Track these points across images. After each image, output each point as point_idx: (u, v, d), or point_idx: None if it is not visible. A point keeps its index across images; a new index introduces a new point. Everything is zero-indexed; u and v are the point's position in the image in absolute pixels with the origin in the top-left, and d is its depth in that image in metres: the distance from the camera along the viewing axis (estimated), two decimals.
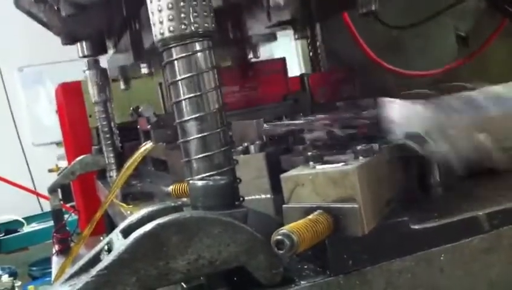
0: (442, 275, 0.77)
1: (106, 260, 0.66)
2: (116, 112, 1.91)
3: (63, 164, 3.52)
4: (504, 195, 0.88)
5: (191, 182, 0.76)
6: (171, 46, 0.76)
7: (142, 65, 1.80)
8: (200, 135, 0.77)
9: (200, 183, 0.74)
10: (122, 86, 2.22)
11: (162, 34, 0.75)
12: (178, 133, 0.80)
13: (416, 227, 0.77)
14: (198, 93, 0.76)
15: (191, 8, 0.74)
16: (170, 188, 1.03)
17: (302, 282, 0.72)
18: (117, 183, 1.37)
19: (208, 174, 0.77)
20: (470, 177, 0.99)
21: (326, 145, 0.96)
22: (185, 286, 0.73)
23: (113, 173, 1.84)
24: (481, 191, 0.94)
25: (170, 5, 0.74)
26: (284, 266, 0.73)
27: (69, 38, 1.69)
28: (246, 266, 0.70)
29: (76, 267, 0.73)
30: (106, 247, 0.74)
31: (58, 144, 4.89)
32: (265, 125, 1.15)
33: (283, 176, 0.77)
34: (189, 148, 0.78)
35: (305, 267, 0.76)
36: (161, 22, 0.75)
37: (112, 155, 1.84)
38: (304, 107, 1.71)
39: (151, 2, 0.76)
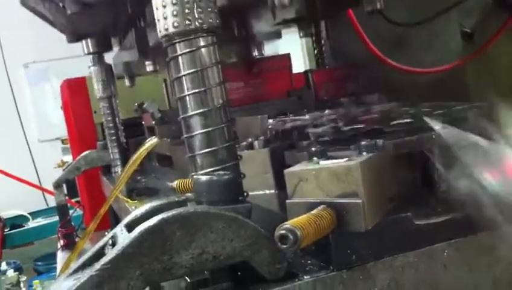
0: (446, 271, 0.78)
1: (110, 254, 0.67)
2: (121, 108, 1.92)
3: (68, 159, 3.54)
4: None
5: (195, 177, 0.76)
6: (175, 41, 0.77)
7: (147, 62, 1.80)
8: (204, 130, 0.77)
9: (204, 178, 0.75)
10: (127, 83, 2.22)
11: (167, 29, 0.76)
12: (182, 129, 0.80)
13: (420, 223, 0.77)
14: (203, 89, 0.77)
15: (195, 4, 0.74)
16: (174, 184, 1.03)
17: (305, 277, 0.73)
18: (122, 178, 1.37)
19: (212, 169, 0.77)
20: None
21: (330, 141, 0.96)
22: (188, 280, 0.73)
23: (118, 169, 1.84)
24: None
25: (174, 1, 0.74)
26: (288, 261, 0.73)
27: (74, 36, 1.69)
28: (249, 261, 0.71)
29: (80, 261, 0.74)
30: (110, 241, 0.74)
31: (63, 140, 4.91)
32: (269, 121, 1.15)
33: (287, 171, 0.77)
34: (193, 144, 0.78)
35: (309, 262, 0.76)
36: (165, 18, 0.75)
37: (116, 151, 1.85)
38: (307, 104, 1.71)
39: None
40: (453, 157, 0.80)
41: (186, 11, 0.74)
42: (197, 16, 0.74)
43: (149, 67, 1.80)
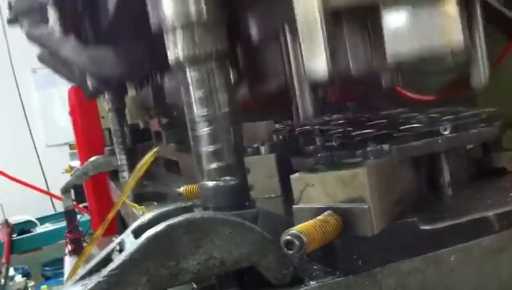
0: (453, 276, 0.77)
1: (117, 260, 0.67)
2: (128, 113, 1.93)
3: (76, 164, 3.55)
4: None
5: (201, 182, 0.76)
6: (185, 67, 0.77)
7: None
8: (211, 136, 0.77)
9: (210, 183, 0.75)
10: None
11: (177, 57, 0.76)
12: (189, 135, 0.80)
13: (426, 227, 0.77)
14: (212, 110, 0.77)
15: (204, 31, 0.75)
16: (181, 189, 1.04)
17: (311, 282, 0.73)
18: (129, 184, 1.38)
19: (218, 175, 0.77)
20: (479, 177, 0.99)
21: (337, 146, 0.96)
22: (195, 286, 0.73)
23: (125, 174, 1.86)
24: (491, 192, 0.93)
25: (184, 28, 0.75)
26: (294, 266, 0.73)
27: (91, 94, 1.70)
28: (256, 266, 0.71)
29: (88, 267, 0.74)
30: (118, 247, 0.75)
31: (71, 145, 4.93)
32: (276, 125, 1.16)
33: (293, 176, 0.77)
34: (200, 149, 0.78)
35: (315, 267, 0.76)
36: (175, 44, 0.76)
37: (124, 156, 1.86)
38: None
39: (166, 33, 0.77)
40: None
41: (196, 39, 0.75)
42: (206, 43, 0.75)
43: None
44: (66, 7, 1.29)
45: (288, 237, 0.66)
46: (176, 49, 0.76)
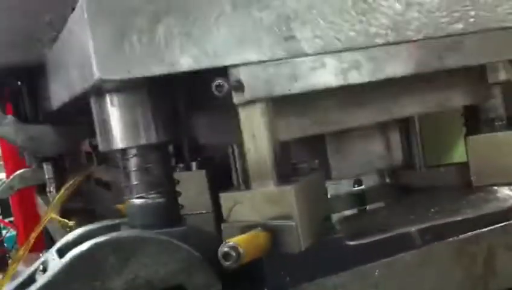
0: None
1: (41, 280, 0.65)
2: None
3: (1, 176, 3.41)
4: (437, 211, 0.92)
5: (128, 200, 0.75)
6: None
7: None
8: (139, 153, 0.76)
9: (137, 201, 0.74)
10: None
11: None
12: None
13: (351, 243, 0.79)
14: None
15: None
16: (119, 206, 1.02)
17: None
18: (57, 199, 1.34)
19: (146, 192, 0.76)
20: (405, 193, 1.03)
21: None
22: None
23: (53, 188, 1.79)
24: (415, 207, 0.97)
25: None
26: (222, 284, 0.73)
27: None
28: (184, 285, 0.70)
29: (11, 287, 0.72)
30: (41, 267, 0.73)
31: None
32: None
33: (222, 194, 0.77)
34: (128, 167, 0.77)
35: (243, 284, 0.77)
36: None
37: (52, 170, 1.80)
38: None
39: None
40: None
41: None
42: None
43: None
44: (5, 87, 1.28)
45: (226, 249, 0.66)
46: None
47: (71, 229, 1.32)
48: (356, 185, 1.00)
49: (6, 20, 1.06)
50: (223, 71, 0.72)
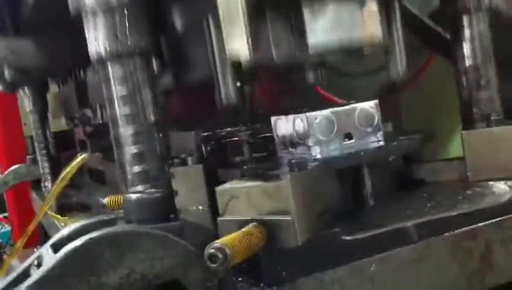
0: (373, 285, 0.79)
1: (35, 275, 0.65)
2: (50, 114, 1.86)
3: None
4: (433, 206, 0.92)
5: (125, 195, 0.75)
6: (107, 64, 0.75)
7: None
8: (135, 147, 0.76)
9: (134, 196, 0.74)
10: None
11: (99, 52, 0.74)
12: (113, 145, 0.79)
13: (348, 238, 0.79)
14: (135, 110, 0.76)
15: (127, 27, 0.74)
16: (105, 200, 1.01)
17: None
18: (51, 194, 1.33)
19: (142, 187, 0.76)
20: (400, 188, 1.03)
21: (264, 156, 0.97)
22: None
23: (48, 184, 1.79)
24: (410, 202, 0.97)
25: (106, 24, 0.73)
26: (219, 278, 0.73)
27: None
28: (180, 280, 0.70)
29: (5, 282, 0.71)
30: (36, 262, 0.72)
31: None
32: (204, 135, 1.14)
33: (218, 189, 0.77)
34: (124, 161, 0.77)
35: (240, 279, 0.76)
36: (97, 40, 0.74)
37: (46, 165, 1.79)
38: (244, 118, 1.72)
39: (87, 20, 0.75)
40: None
41: (118, 34, 0.73)
42: (129, 39, 0.73)
43: None
44: None
45: (212, 251, 0.65)
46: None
47: (66, 224, 1.32)
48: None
49: None
50: None
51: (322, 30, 0.76)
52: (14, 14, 1.28)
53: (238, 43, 0.73)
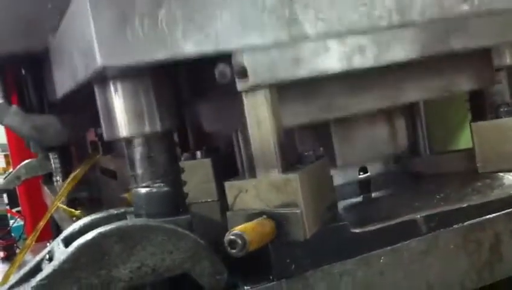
0: (382, 278, 0.79)
1: (47, 269, 0.65)
2: None
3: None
4: (442, 198, 0.92)
5: (134, 189, 0.75)
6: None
7: None
8: (144, 143, 0.76)
9: (143, 190, 0.74)
10: None
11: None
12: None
13: (356, 231, 0.79)
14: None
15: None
16: (126, 195, 1.02)
17: (245, 287, 0.73)
18: (63, 189, 1.34)
19: (152, 181, 0.76)
20: (411, 180, 1.03)
21: None
22: None
23: (60, 178, 1.80)
24: (420, 194, 0.97)
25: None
26: (228, 271, 0.73)
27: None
28: (190, 273, 0.71)
29: (17, 276, 0.72)
30: (47, 256, 0.73)
31: (3, 147, 4.74)
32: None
33: (227, 182, 0.77)
34: (133, 156, 0.77)
35: (249, 272, 0.77)
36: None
37: (58, 160, 1.80)
38: None
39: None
40: None
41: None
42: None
43: None
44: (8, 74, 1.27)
45: (232, 237, 0.66)
46: None
47: (77, 218, 1.33)
48: (361, 173, 1.00)
49: (8, 6, 1.05)
50: (226, 57, 0.72)
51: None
52: (37, 92, 1.32)
53: None
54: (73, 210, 1.42)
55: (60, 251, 0.69)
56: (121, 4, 0.66)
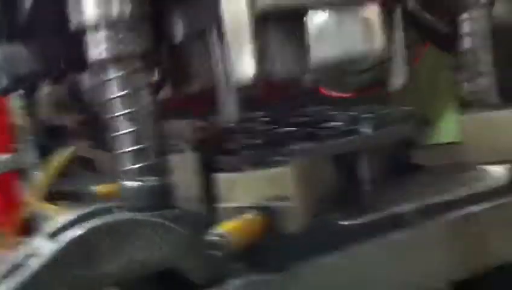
0: (371, 270, 0.80)
1: (33, 265, 0.63)
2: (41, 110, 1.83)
3: None
4: (430, 190, 0.92)
5: (122, 183, 0.74)
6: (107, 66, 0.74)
7: None
8: (132, 134, 0.75)
9: (131, 184, 0.73)
10: None
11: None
12: (107, 131, 0.78)
13: (345, 223, 0.79)
14: (134, 109, 0.75)
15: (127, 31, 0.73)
16: (96, 188, 1.00)
17: (235, 281, 0.72)
18: (41, 183, 1.31)
19: (139, 174, 0.75)
20: (398, 172, 1.03)
21: (262, 144, 0.96)
22: None
23: (37, 172, 1.76)
24: (409, 186, 0.97)
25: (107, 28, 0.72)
26: (218, 265, 0.72)
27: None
28: (178, 267, 0.70)
29: (3, 272, 0.70)
30: (31, 252, 0.71)
31: None
32: (199, 122, 1.13)
33: (217, 175, 0.77)
34: (120, 148, 0.76)
35: (239, 265, 0.76)
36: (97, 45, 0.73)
37: (35, 154, 1.77)
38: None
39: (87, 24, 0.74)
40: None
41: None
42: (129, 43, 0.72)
43: None
44: None
45: (213, 237, 0.65)
46: (97, 49, 0.73)
47: (57, 213, 1.30)
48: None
49: None
50: None
51: (324, 43, 0.75)
52: (8, 21, 1.27)
53: (244, 64, 0.72)
54: (49, 205, 1.40)
55: (46, 247, 0.67)
56: None
